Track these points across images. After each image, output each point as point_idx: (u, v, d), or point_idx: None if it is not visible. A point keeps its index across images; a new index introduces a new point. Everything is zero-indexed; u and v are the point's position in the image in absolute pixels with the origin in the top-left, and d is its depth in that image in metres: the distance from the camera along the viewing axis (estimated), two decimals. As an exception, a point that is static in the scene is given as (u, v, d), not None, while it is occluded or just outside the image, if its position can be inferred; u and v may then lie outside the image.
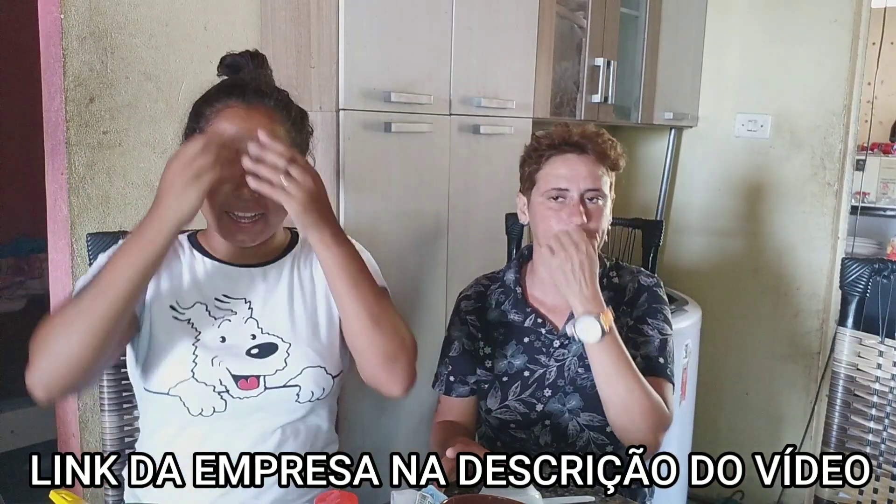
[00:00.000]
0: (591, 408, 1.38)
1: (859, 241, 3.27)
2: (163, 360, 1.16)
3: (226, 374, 1.14)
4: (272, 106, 1.16)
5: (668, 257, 3.06)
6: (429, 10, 1.83)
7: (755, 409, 2.95)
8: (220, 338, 1.17)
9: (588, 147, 1.39)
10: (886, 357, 1.35)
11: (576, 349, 1.41)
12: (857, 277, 1.37)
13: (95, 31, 1.55)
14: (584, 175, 1.38)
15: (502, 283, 1.50)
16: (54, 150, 1.55)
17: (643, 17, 2.59)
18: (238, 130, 1.10)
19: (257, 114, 1.13)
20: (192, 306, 1.18)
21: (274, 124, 1.14)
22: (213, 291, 1.20)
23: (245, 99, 1.14)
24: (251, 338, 1.18)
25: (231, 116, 1.12)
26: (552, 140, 1.41)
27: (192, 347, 1.15)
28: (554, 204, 1.38)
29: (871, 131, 3.99)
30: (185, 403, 1.14)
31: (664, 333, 1.43)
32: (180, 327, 1.17)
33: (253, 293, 1.22)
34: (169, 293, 1.19)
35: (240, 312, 1.20)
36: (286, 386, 1.17)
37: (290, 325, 1.21)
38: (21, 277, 3.28)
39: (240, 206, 1.12)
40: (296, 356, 1.18)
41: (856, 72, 2.69)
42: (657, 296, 1.46)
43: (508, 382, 1.43)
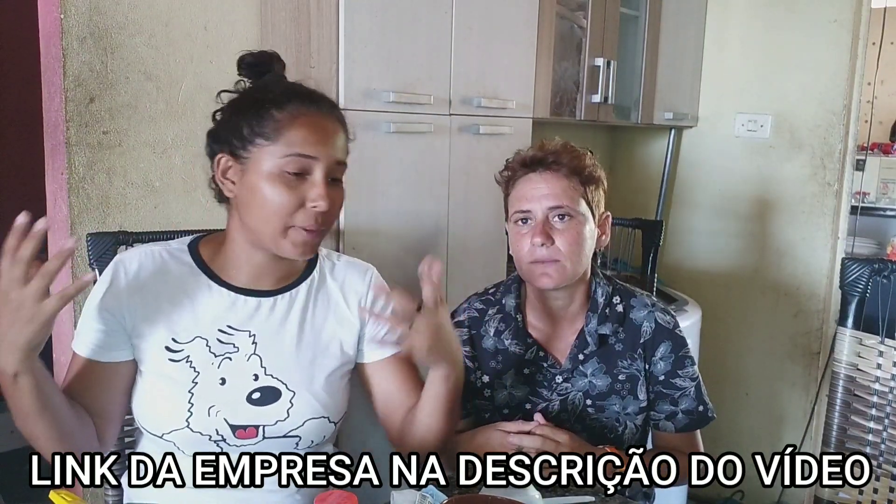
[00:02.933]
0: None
1: (859, 241, 3.26)
2: (157, 406, 1.12)
3: (223, 425, 1.11)
4: (339, 117, 1.15)
5: (668, 257, 3.06)
6: (429, 10, 1.83)
7: (755, 409, 2.96)
8: (220, 379, 1.12)
9: (550, 161, 1.33)
10: (886, 357, 1.35)
11: (581, 385, 1.38)
12: (857, 277, 1.37)
13: (95, 31, 1.55)
14: (546, 193, 1.32)
15: (501, 309, 1.43)
16: (54, 150, 1.55)
17: (643, 17, 2.59)
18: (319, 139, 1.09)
19: (331, 123, 1.12)
20: (192, 341, 1.13)
21: (343, 134, 1.14)
22: (216, 323, 1.14)
23: (320, 108, 1.12)
24: (253, 379, 1.14)
25: (310, 124, 1.09)
26: (515, 163, 1.37)
27: (187, 395, 1.11)
28: (522, 227, 1.34)
29: (871, 131, 3.98)
30: (178, 447, 1.12)
31: (695, 377, 1.40)
32: (176, 369, 1.12)
33: (259, 325, 1.16)
34: (165, 330, 1.13)
35: (242, 348, 1.14)
36: (286, 436, 1.15)
37: (295, 367, 1.16)
38: (21, 277, 3.27)
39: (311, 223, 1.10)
40: (299, 407, 1.15)
41: (856, 72, 2.69)
42: (679, 340, 1.39)
43: (509, 415, 1.39)
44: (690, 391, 1.39)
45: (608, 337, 1.38)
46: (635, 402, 1.39)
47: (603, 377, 1.38)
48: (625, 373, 1.38)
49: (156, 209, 1.68)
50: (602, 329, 1.37)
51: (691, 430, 1.41)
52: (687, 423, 1.39)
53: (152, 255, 1.16)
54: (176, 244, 1.20)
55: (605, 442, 1.36)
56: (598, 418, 1.38)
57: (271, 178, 1.08)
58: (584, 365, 1.38)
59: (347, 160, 1.16)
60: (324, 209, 1.09)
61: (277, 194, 1.08)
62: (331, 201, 1.10)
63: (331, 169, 1.11)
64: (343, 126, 1.16)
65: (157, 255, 1.17)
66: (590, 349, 1.38)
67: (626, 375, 1.38)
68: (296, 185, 1.08)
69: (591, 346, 1.37)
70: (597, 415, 1.38)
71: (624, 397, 1.38)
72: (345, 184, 1.16)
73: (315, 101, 1.12)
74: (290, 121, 1.09)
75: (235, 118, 1.12)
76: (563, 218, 1.32)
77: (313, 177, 1.09)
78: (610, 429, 1.39)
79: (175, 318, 1.14)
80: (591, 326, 1.38)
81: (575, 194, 1.33)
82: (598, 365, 1.38)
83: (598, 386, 1.38)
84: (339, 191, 1.14)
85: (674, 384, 1.39)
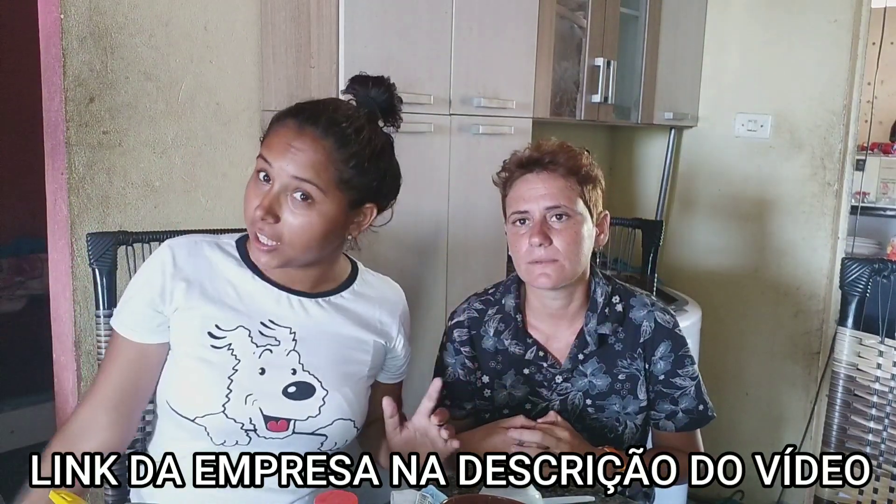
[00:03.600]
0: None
1: (859, 241, 3.27)
2: (195, 389, 1.13)
3: (257, 414, 1.12)
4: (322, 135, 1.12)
5: (668, 257, 3.06)
6: (429, 10, 1.83)
7: (755, 409, 2.96)
8: (260, 369, 1.14)
9: (547, 161, 1.32)
10: (886, 357, 1.35)
11: (581, 385, 1.38)
12: (857, 277, 1.36)
13: (95, 31, 1.55)
14: (543, 193, 1.31)
15: (501, 310, 1.43)
16: (54, 150, 1.55)
17: (643, 17, 2.59)
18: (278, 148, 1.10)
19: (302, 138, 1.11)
20: (235, 329, 1.15)
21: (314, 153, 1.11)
22: (259, 315, 1.16)
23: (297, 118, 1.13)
24: (291, 373, 1.16)
25: (281, 131, 1.12)
26: (512, 164, 1.37)
27: (227, 381, 1.12)
28: (521, 228, 1.34)
29: (871, 131, 3.99)
30: (208, 433, 1.12)
31: (695, 376, 1.40)
32: (218, 355, 1.13)
33: (299, 322, 1.18)
34: (209, 317, 1.14)
35: (283, 343, 1.16)
36: (314, 434, 1.16)
37: (330, 367, 1.18)
38: (21, 277, 3.28)
39: (256, 228, 1.11)
40: (331, 405, 1.16)
41: (856, 72, 2.69)
42: (678, 340, 1.39)
43: (510, 415, 1.37)
44: (690, 390, 1.39)
45: (608, 336, 1.38)
46: (635, 402, 1.39)
47: (603, 377, 1.38)
48: (625, 372, 1.38)
49: (156, 209, 1.68)
50: (602, 329, 1.37)
51: (691, 430, 1.41)
52: (687, 422, 1.40)
53: (200, 245, 1.19)
54: (226, 238, 1.23)
55: (606, 441, 1.36)
56: (598, 418, 1.38)
57: (251, 177, 1.14)
58: (583, 365, 1.38)
59: (335, 186, 1.11)
60: (258, 216, 1.09)
61: (246, 193, 1.13)
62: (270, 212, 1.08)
63: (288, 182, 1.09)
64: (333, 145, 1.11)
65: (206, 245, 1.20)
66: (589, 349, 1.38)
67: (625, 375, 1.38)
68: (260, 190, 1.11)
69: (591, 345, 1.37)
70: (597, 414, 1.38)
71: (624, 397, 1.38)
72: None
73: (299, 115, 1.12)
74: (271, 130, 1.14)
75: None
76: (561, 218, 1.31)
77: (270, 184, 1.11)
78: (610, 428, 1.39)
79: (220, 306, 1.16)
80: (590, 326, 1.37)
81: (572, 194, 1.32)
82: (598, 365, 1.38)
83: (598, 386, 1.38)
84: (301, 212, 1.10)
85: (674, 383, 1.39)
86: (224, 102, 1.76)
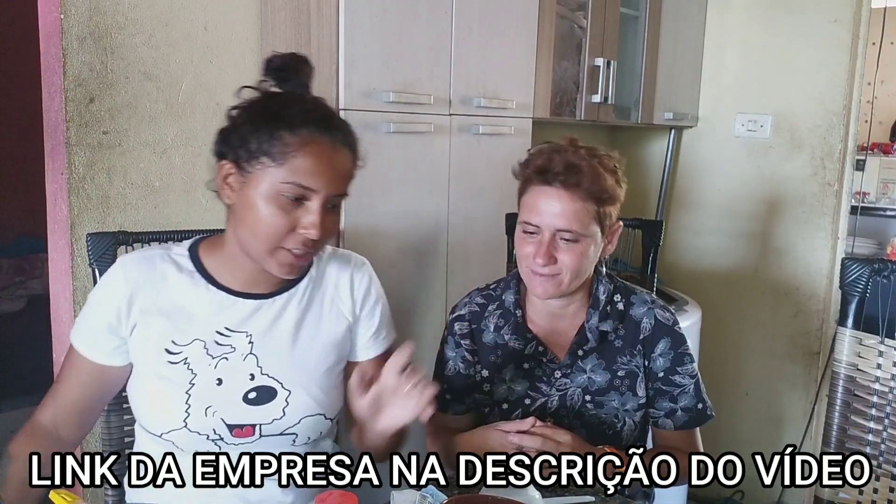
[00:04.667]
0: (600, 444, 1.34)
1: (859, 241, 3.26)
2: (155, 407, 1.14)
3: (220, 424, 1.12)
4: (351, 144, 1.13)
5: (668, 257, 3.06)
6: (429, 10, 1.83)
7: (755, 409, 2.95)
8: (217, 380, 1.13)
9: (572, 182, 1.27)
10: (886, 357, 1.35)
11: (580, 381, 1.39)
12: (857, 277, 1.37)
13: (95, 31, 1.55)
14: (558, 213, 1.28)
15: (501, 305, 1.43)
16: (54, 150, 1.55)
17: (643, 17, 2.59)
18: (323, 172, 1.08)
19: (340, 155, 1.11)
20: (190, 343, 1.14)
21: (351, 165, 1.13)
22: (214, 325, 1.15)
23: (332, 137, 1.10)
24: (249, 378, 1.15)
25: (317, 154, 1.07)
26: (535, 167, 1.32)
27: (184, 396, 1.12)
28: (528, 237, 1.33)
29: (871, 131, 3.99)
30: (177, 447, 1.14)
31: (694, 374, 1.40)
32: (174, 371, 1.13)
33: (256, 325, 1.17)
34: (165, 334, 1.14)
35: (239, 348, 1.15)
36: (283, 434, 1.16)
37: (291, 366, 1.17)
38: (21, 277, 3.28)
39: (300, 245, 1.10)
40: (295, 405, 1.16)
41: (856, 72, 2.68)
42: (678, 337, 1.40)
43: (509, 410, 1.40)
44: (689, 388, 1.39)
45: (608, 333, 1.39)
46: (634, 399, 1.39)
47: (602, 373, 1.38)
48: (624, 369, 1.39)
49: (156, 209, 1.68)
50: (603, 326, 1.38)
51: (690, 428, 1.42)
52: (686, 420, 1.40)
53: (152, 259, 1.17)
54: (177, 248, 1.20)
55: (604, 438, 1.36)
56: (597, 414, 1.39)
57: (268, 198, 1.07)
58: (583, 361, 1.39)
59: (350, 188, 1.15)
60: (314, 237, 1.09)
61: (272, 216, 1.07)
62: (324, 230, 1.10)
63: (330, 200, 1.11)
64: (353, 154, 1.14)
65: (158, 259, 1.17)
66: (589, 345, 1.38)
67: (625, 372, 1.39)
68: (291, 210, 1.08)
69: (591, 342, 1.38)
70: (595, 411, 1.39)
71: (623, 394, 1.39)
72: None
73: (329, 130, 1.10)
74: (298, 147, 1.06)
75: (247, 128, 1.09)
76: (569, 241, 1.30)
77: (310, 204, 1.08)
78: (609, 425, 1.39)
79: (174, 321, 1.14)
80: (591, 323, 1.38)
81: (586, 218, 1.29)
82: (598, 361, 1.39)
83: (598, 382, 1.38)
84: (334, 217, 1.13)
85: (673, 381, 1.39)
86: (224, 102, 1.74)
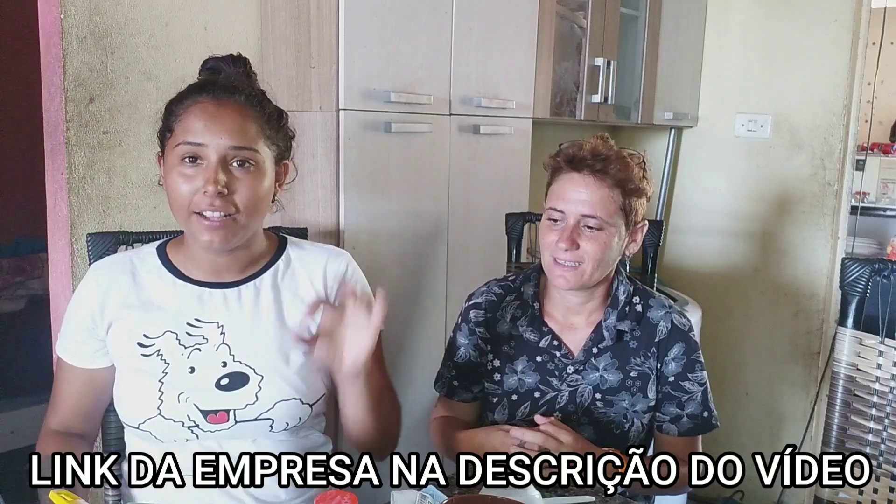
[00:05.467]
0: (607, 443, 1.34)
1: (859, 241, 3.27)
2: (130, 397, 1.17)
3: (193, 410, 1.13)
4: (243, 101, 1.14)
5: (668, 257, 3.06)
6: (429, 10, 1.83)
7: (755, 409, 2.96)
8: (189, 368, 1.15)
9: (598, 169, 1.31)
10: (886, 357, 1.35)
11: (592, 378, 1.39)
12: (857, 277, 1.36)
13: (95, 31, 1.55)
14: (583, 199, 1.30)
15: (519, 296, 1.44)
16: (54, 150, 1.55)
17: (643, 17, 2.59)
18: (206, 125, 1.10)
19: (227, 109, 1.12)
20: (162, 335, 1.16)
21: (245, 120, 1.13)
22: (184, 317, 1.17)
23: (214, 94, 1.12)
24: (222, 365, 1.16)
25: (200, 112, 1.11)
26: (565, 155, 1.34)
27: (157, 384, 1.14)
28: (553, 224, 1.34)
29: (871, 131, 3.99)
30: (155, 436, 1.15)
31: (703, 382, 1.40)
32: (148, 362, 1.15)
33: (226, 315, 1.18)
34: (136, 328, 1.17)
35: (211, 339, 1.17)
36: (258, 419, 1.16)
37: (263, 352, 1.18)
38: (21, 277, 3.28)
39: (207, 206, 1.09)
40: (267, 390, 1.16)
41: (856, 72, 2.69)
42: (692, 344, 1.40)
43: (518, 401, 1.41)
44: (697, 396, 1.39)
45: (624, 333, 1.39)
46: (644, 400, 1.39)
47: (615, 372, 1.39)
48: (637, 370, 1.39)
49: (156, 209, 1.68)
50: (620, 325, 1.38)
51: (694, 436, 1.41)
52: (690, 427, 1.40)
53: (122, 262, 1.21)
54: (146, 248, 1.24)
55: (611, 437, 1.37)
56: (606, 413, 1.39)
57: (171, 168, 1.12)
58: (596, 359, 1.39)
59: (267, 146, 1.15)
60: (211, 192, 1.08)
61: (175, 183, 1.11)
62: (222, 186, 1.09)
63: (226, 153, 1.10)
64: (255, 110, 1.14)
65: (128, 261, 1.21)
66: (605, 344, 1.38)
67: (637, 373, 1.39)
68: (193, 173, 1.10)
69: (608, 340, 1.38)
70: (605, 409, 1.39)
71: (634, 394, 1.39)
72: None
73: (207, 89, 1.13)
74: (183, 111, 1.12)
75: (161, 118, 1.17)
76: (593, 228, 1.31)
77: (205, 162, 1.10)
78: (617, 424, 1.39)
79: (146, 317, 1.17)
80: (609, 321, 1.38)
81: (612, 206, 1.31)
82: (611, 360, 1.39)
83: (609, 381, 1.39)
84: (249, 177, 1.12)
85: (682, 387, 1.39)
86: (224, 102, 1.76)
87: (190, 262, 1.20)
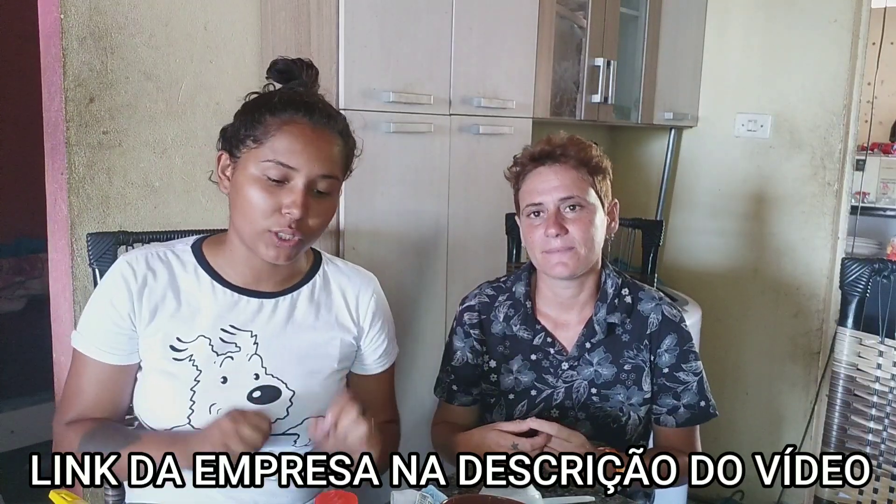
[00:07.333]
0: (604, 438, 1.36)
1: (859, 241, 3.27)
2: (158, 402, 1.15)
3: None
4: (336, 132, 1.15)
5: (668, 257, 3.06)
6: (429, 11, 1.83)
7: (755, 409, 2.96)
8: (222, 378, 1.14)
9: (558, 154, 1.35)
10: (886, 357, 1.35)
11: (587, 373, 1.39)
12: (857, 277, 1.37)
13: (95, 31, 1.55)
14: (556, 185, 1.34)
15: (511, 296, 1.46)
16: (54, 150, 1.55)
17: (643, 17, 2.59)
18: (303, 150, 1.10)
19: (323, 137, 1.12)
20: (195, 340, 1.15)
21: (335, 150, 1.14)
22: (219, 322, 1.16)
23: (312, 119, 1.12)
24: (254, 378, 1.16)
25: (298, 134, 1.10)
26: (524, 158, 1.39)
27: (189, 393, 1.13)
28: (535, 220, 1.36)
29: (871, 131, 3.99)
30: None
31: (698, 372, 1.42)
32: (180, 367, 1.14)
33: (261, 325, 1.18)
34: (170, 331, 1.15)
35: (244, 348, 1.16)
36: (285, 434, 1.16)
37: (295, 367, 1.18)
38: (21, 277, 3.28)
39: (285, 227, 1.10)
40: (298, 407, 1.16)
41: (856, 72, 2.69)
42: (684, 334, 1.42)
43: (515, 400, 1.42)
44: (693, 386, 1.40)
45: (616, 326, 1.40)
46: (640, 393, 1.40)
47: (609, 366, 1.39)
48: (630, 363, 1.40)
49: (156, 209, 1.68)
50: (611, 318, 1.39)
51: (692, 426, 1.42)
52: (688, 417, 1.40)
53: (157, 257, 1.18)
54: (180, 245, 1.21)
55: (609, 431, 1.37)
56: (602, 407, 1.39)
57: (254, 179, 1.11)
58: (590, 353, 1.40)
59: (343, 174, 1.17)
60: (296, 217, 1.09)
61: (256, 196, 1.10)
62: (305, 210, 1.10)
63: (314, 180, 1.11)
64: (342, 139, 1.16)
65: (162, 256, 1.18)
66: (597, 338, 1.39)
67: (631, 365, 1.40)
68: (275, 191, 1.10)
69: (599, 334, 1.39)
70: (601, 404, 1.39)
71: (629, 387, 1.40)
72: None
73: (309, 111, 1.12)
74: (278, 127, 1.11)
75: (237, 119, 1.15)
76: (574, 208, 1.34)
77: (293, 184, 1.10)
78: (614, 418, 1.40)
79: (179, 318, 1.15)
80: (599, 315, 1.39)
81: (584, 185, 1.35)
82: (605, 354, 1.40)
83: (604, 375, 1.39)
84: (324, 203, 1.14)
85: (677, 378, 1.40)
86: (224, 102, 1.76)
87: (228, 266, 1.19)
